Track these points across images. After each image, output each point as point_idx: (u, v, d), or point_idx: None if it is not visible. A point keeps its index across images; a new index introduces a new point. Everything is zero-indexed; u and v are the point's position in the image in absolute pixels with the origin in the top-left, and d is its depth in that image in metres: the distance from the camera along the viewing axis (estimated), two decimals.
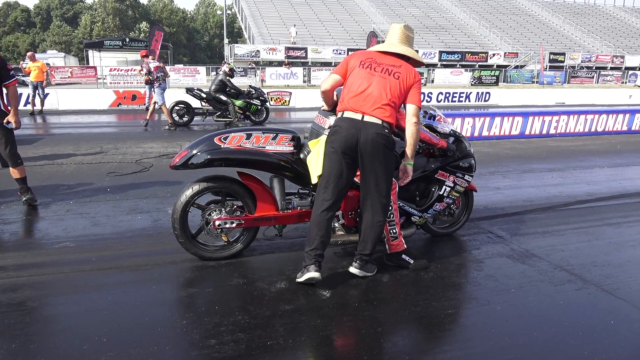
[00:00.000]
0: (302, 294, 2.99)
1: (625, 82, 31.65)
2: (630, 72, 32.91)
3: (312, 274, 2.97)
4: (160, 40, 18.88)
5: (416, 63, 3.14)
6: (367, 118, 2.90)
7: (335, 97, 3.22)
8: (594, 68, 33.47)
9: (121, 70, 22.55)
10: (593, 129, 10.84)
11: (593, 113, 10.94)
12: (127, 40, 29.23)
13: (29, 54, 13.68)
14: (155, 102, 10.84)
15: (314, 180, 3.13)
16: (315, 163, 3.11)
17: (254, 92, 11.52)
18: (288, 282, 3.14)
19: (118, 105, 15.94)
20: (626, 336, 2.60)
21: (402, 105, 3.08)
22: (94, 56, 31.79)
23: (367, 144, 2.88)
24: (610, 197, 5.47)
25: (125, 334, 2.50)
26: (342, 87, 3.10)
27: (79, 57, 48.58)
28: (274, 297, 2.95)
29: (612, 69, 33.96)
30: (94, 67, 23.23)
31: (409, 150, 3.05)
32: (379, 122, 2.89)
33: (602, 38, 38.96)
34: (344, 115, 2.97)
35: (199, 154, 3.12)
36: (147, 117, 11.16)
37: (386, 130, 2.91)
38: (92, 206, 4.72)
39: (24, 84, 13.53)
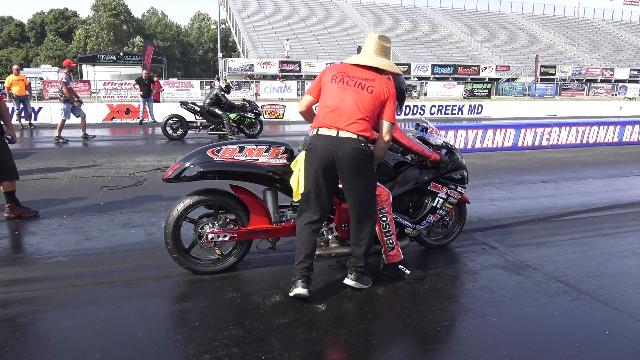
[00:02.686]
0: (297, 307, 2.97)
1: (615, 94, 32.08)
2: (620, 84, 33.39)
3: (299, 290, 2.96)
4: (152, 55, 18.96)
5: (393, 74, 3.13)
6: (342, 134, 2.85)
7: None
8: (584, 80, 33.95)
9: (115, 84, 22.59)
10: (585, 141, 10.95)
11: (584, 125, 11.06)
12: (121, 54, 29.36)
13: (14, 67, 13.59)
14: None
15: (296, 198, 3.12)
16: (296, 182, 3.10)
17: (247, 106, 11.56)
18: (283, 295, 3.12)
19: (112, 119, 15.92)
20: (621, 346, 2.60)
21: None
22: (87, 70, 31.84)
23: (344, 160, 2.84)
24: (603, 207, 5.51)
25: (119, 350, 2.47)
26: None
27: (72, 71, 48.61)
28: (269, 310, 2.93)
29: (602, 81, 34.45)
30: (88, 81, 23.26)
31: (375, 163, 3.03)
32: (355, 136, 2.84)
33: (591, 51, 39.57)
34: (318, 132, 2.91)
35: (191, 166, 3.12)
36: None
37: (362, 144, 2.86)
38: (85, 220, 4.69)
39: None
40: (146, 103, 14.94)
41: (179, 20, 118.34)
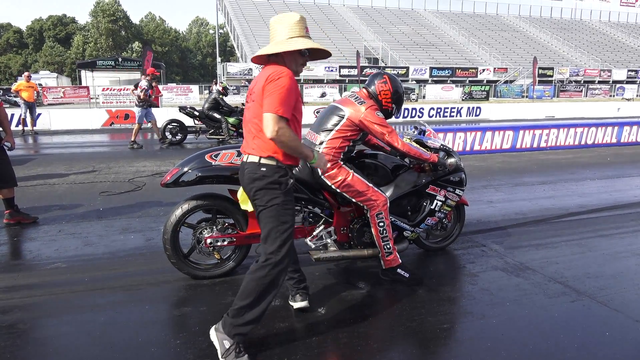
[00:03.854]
0: (297, 311, 2.97)
1: (613, 95, 32.15)
2: (618, 85, 33.47)
3: (299, 304, 2.94)
4: (151, 60, 19.01)
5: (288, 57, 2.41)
6: (245, 158, 2.46)
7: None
8: (582, 82, 34.03)
9: (114, 89, 22.63)
10: (583, 142, 10.97)
11: (583, 126, 11.08)
12: (120, 60, 29.39)
13: (25, 74, 13.73)
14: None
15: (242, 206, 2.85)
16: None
17: None
18: (282, 299, 3.12)
19: (111, 125, 15.94)
20: (621, 347, 2.60)
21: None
22: (86, 76, 31.92)
23: (247, 190, 2.49)
24: (601, 208, 5.52)
25: (118, 355, 2.47)
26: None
27: (71, 77, 48.67)
28: (269, 315, 2.92)
29: (599, 82, 34.53)
30: (87, 87, 23.29)
31: (301, 157, 2.50)
32: (256, 159, 2.39)
33: (589, 53, 39.68)
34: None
35: (190, 171, 3.12)
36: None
37: (263, 169, 2.38)
38: (84, 226, 4.69)
39: (16, 104, 13.50)
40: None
41: (178, 25, 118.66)
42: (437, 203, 3.63)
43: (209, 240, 3.24)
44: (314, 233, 3.41)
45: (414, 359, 2.54)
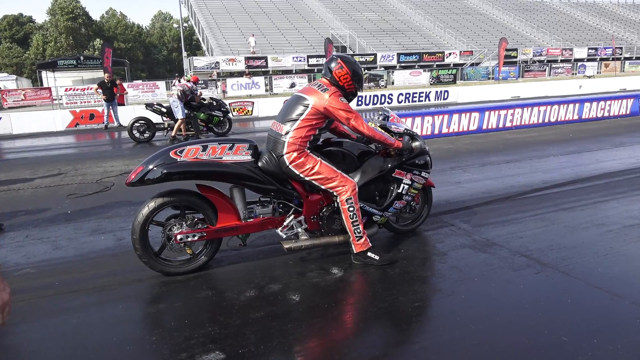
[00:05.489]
0: (272, 300, 3.00)
1: (575, 73, 33.01)
2: (579, 63, 34.36)
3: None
4: (111, 57, 18.50)
5: None
6: None
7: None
8: (545, 61, 34.78)
9: (77, 89, 22.01)
10: (546, 120, 11.27)
11: (545, 104, 11.38)
12: (82, 58, 28.57)
13: None
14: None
15: None
16: None
17: (215, 104, 11.45)
18: (257, 289, 3.15)
19: (76, 126, 15.53)
20: (582, 312, 2.73)
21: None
22: (47, 77, 30.92)
23: None
24: (564, 183, 5.71)
25: (93, 356, 2.46)
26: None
27: (32, 78, 47.06)
28: (244, 305, 2.96)
29: (562, 61, 35.36)
30: (49, 88, 22.60)
31: None
32: None
33: (551, 32, 40.54)
34: None
35: (155, 169, 3.10)
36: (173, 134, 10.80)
37: None
38: (52, 230, 4.60)
39: None
40: (110, 107, 14.65)
41: (140, 20, 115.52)
42: (404, 186, 3.71)
43: (179, 237, 3.24)
44: (285, 223, 3.44)
45: (387, 338, 2.62)
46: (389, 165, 3.64)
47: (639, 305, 2.78)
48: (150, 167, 3.10)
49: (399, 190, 3.69)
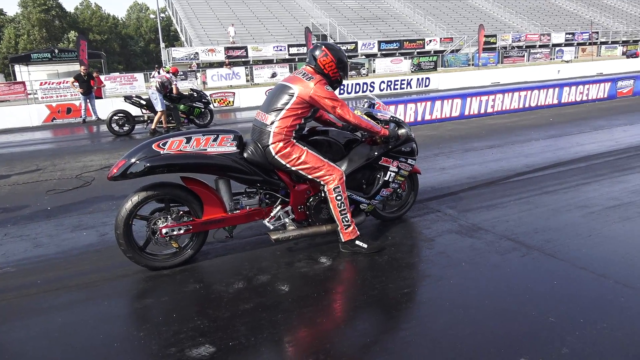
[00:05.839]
0: (261, 291, 2.98)
1: (553, 58, 33.42)
2: (557, 48, 34.78)
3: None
4: (86, 50, 18.04)
5: None
6: None
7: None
8: (524, 47, 35.10)
9: (53, 83, 21.47)
10: (527, 105, 11.39)
11: (526, 90, 11.49)
12: (56, 51, 27.90)
13: None
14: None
15: None
16: None
17: (195, 95, 11.29)
18: (245, 281, 3.12)
19: (52, 120, 15.17)
20: (568, 293, 2.77)
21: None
22: (21, 71, 30.07)
23: None
24: (546, 167, 5.78)
25: (79, 354, 2.41)
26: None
27: (4, 73, 45.76)
28: (233, 297, 2.93)
29: (540, 46, 35.73)
30: (23, 83, 21.99)
31: None
32: None
33: (529, 18, 40.87)
34: None
35: (137, 162, 3.02)
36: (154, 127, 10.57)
37: None
38: (32, 227, 4.49)
39: None
40: (87, 100, 14.34)
41: (115, 11, 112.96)
42: (390, 174, 3.70)
43: (164, 231, 3.18)
44: (272, 214, 3.41)
45: (377, 325, 2.62)
46: (376, 153, 3.63)
47: (623, 284, 2.83)
48: (133, 160, 3.03)
49: (386, 178, 3.69)
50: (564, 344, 2.28)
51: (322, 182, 3.31)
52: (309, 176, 3.30)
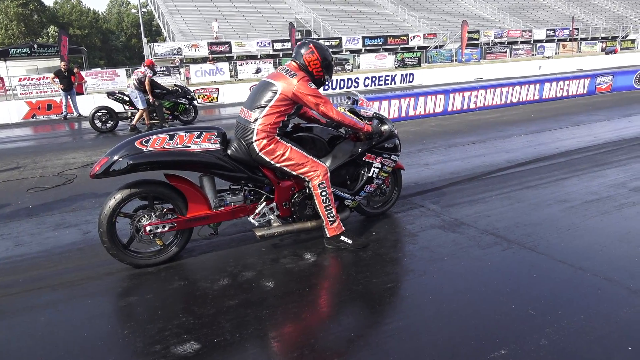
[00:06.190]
0: (246, 288, 2.99)
1: (535, 54, 33.87)
2: (539, 44, 35.25)
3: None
4: (67, 45, 17.71)
5: None
6: None
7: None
8: (506, 43, 35.50)
9: (32, 79, 21.07)
10: (509, 101, 11.54)
11: (507, 85, 11.64)
12: (36, 46, 27.32)
13: None
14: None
15: None
16: None
17: (180, 91, 11.20)
18: (230, 278, 3.13)
19: (32, 117, 14.89)
20: (548, 286, 2.84)
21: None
22: None
23: None
24: (527, 162, 5.89)
25: (64, 353, 2.40)
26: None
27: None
28: (218, 294, 2.93)
29: (522, 42, 36.17)
30: (1, 79, 21.54)
31: None
32: None
33: (511, 14, 41.32)
34: None
35: (120, 159, 3.00)
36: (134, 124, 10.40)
37: None
38: (13, 226, 4.42)
39: None
40: (68, 97, 14.11)
41: (96, 6, 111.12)
42: (374, 170, 3.74)
43: (148, 228, 3.17)
44: (257, 210, 3.42)
45: (361, 319, 2.66)
46: (359, 150, 3.66)
47: (600, 277, 2.91)
48: (116, 157, 3.01)
49: (370, 174, 3.72)
50: (543, 336, 2.34)
51: (306, 179, 3.33)
52: (294, 173, 3.32)
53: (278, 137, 3.32)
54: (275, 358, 2.31)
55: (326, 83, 3.52)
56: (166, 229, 3.22)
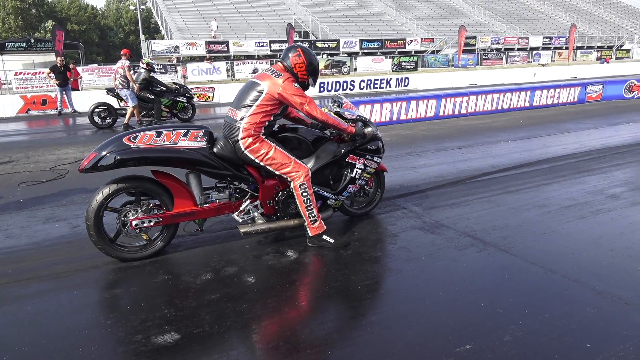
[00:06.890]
0: (228, 282, 3.09)
1: (531, 62, 34.14)
2: (535, 52, 35.52)
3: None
4: (63, 40, 17.73)
5: None
6: None
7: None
8: (502, 49, 35.74)
9: (28, 73, 21.07)
10: (500, 107, 11.69)
11: (499, 92, 11.78)
12: (32, 41, 27.32)
13: None
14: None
15: None
16: None
17: (179, 89, 11.29)
18: (214, 273, 3.23)
19: (27, 112, 14.92)
20: (518, 287, 2.95)
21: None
22: None
23: None
24: (511, 167, 6.01)
25: (48, 341, 2.49)
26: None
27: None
28: (200, 288, 3.03)
29: (518, 49, 36.41)
30: None
31: None
32: None
33: (508, 21, 41.60)
34: None
35: (108, 155, 3.10)
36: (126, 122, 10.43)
37: None
38: (3, 219, 4.50)
39: None
40: (64, 92, 14.15)
41: (94, 1, 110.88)
42: (357, 171, 3.84)
43: (134, 223, 3.26)
44: (241, 208, 3.52)
45: (337, 314, 2.76)
46: (343, 151, 3.76)
47: (569, 278, 3.03)
48: (104, 153, 3.10)
49: (353, 175, 3.83)
50: (507, 332, 2.46)
51: (288, 179, 3.43)
52: (277, 172, 3.42)
53: (263, 137, 3.42)
54: (252, 349, 2.41)
55: (309, 88, 3.63)
56: (152, 223, 3.31)
